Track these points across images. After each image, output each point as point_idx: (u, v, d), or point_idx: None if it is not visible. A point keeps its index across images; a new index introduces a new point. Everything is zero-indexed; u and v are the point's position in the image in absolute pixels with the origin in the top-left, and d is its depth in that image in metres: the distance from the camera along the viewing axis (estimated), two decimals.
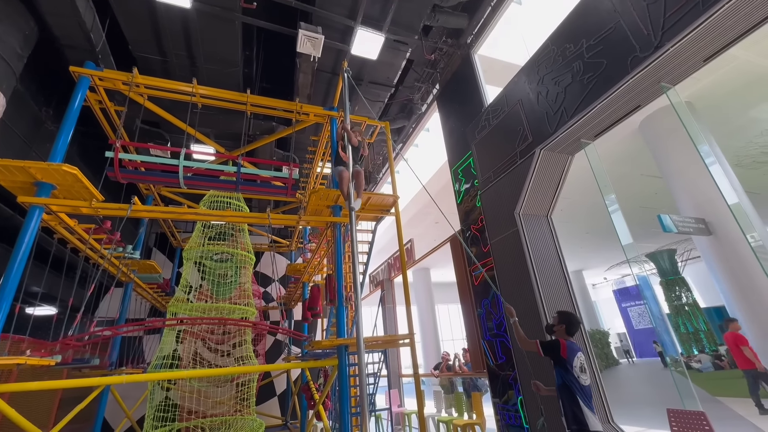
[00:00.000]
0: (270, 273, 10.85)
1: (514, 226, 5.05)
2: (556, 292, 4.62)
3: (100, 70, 5.05)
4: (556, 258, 4.85)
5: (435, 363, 10.17)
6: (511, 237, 5.11)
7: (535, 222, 5.04)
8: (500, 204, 5.43)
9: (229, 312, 5.97)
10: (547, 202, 5.10)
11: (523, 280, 4.80)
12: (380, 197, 5.85)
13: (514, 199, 5.12)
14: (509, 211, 5.18)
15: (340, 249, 5.36)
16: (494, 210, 5.59)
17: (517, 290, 4.91)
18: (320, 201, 5.38)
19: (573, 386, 2.79)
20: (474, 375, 6.94)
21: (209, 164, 5.75)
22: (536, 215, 5.11)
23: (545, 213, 5.17)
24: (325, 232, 6.14)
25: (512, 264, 5.04)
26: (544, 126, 4.72)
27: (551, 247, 4.91)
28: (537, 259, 4.76)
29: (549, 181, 4.97)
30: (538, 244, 4.88)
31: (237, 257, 6.58)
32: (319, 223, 5.65)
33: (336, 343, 4.53)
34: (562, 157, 4.90)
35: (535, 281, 4.62)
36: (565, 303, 4.62)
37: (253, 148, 7.19)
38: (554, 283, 4.68)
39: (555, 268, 4.78)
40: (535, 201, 5.04)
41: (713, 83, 7.39)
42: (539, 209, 5.14)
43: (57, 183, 4.19)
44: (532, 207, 5.07)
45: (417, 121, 9.67)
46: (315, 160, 7.75)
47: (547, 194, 5.05)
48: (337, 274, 5.18)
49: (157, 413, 5.04)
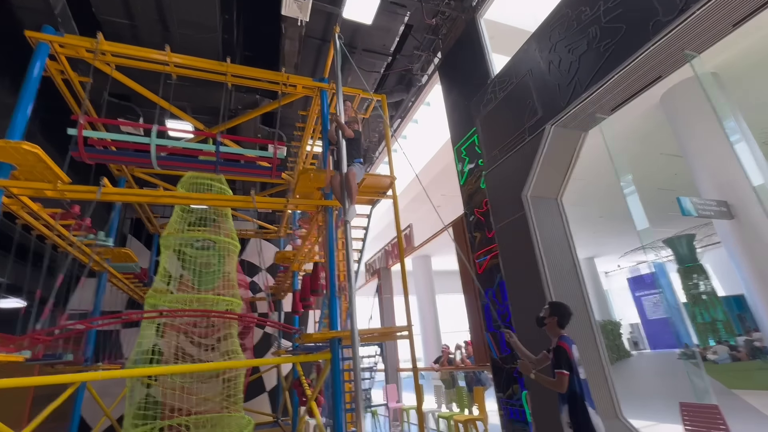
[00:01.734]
0: (257, 261, 10.85)
1: (521, 210, 5.03)
2: (565, 281, 4.65)
3: (60, 35, 4.90)
4: (566, 244, 4.86)
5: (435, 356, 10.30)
6: (518, 221, 5.10)
7: (544, 205, 5.00)
8: (506, 185, 5.40)
9: (213, 303, 5.98)
10: (557, 183, 5.06)
11: (530, 269, 4.81)
12: (376, 178, 5.82)
13: (521, 180, 5.08)
14: (516, 194, 5.15)
15: (332, 235, 5.34)
16: (500, 192, 5.57)
17: (523, 279, 4.93)
18: (310, 183, 5.36)
19: (580, 390, 2.80)
20: (477, 368, 7.14)
21: (186, 142, 5.67)
22: (545, 198, 5.05)
23: (555, 195, 5.13)
24: (316, 216, 6.09)
25: (518, 251, 5.05)
26: (556, 99, 4.66)
27: (561, 233, 4.91)
28: (545, 245, 4.76)
29: (560, 160, 4.92)
30: (546, 230, 4.87)
31: (220, 244, 6.59)
32: (309, 207, 5.63)
33: (328, 335, 4.55)
34: (574, 134, 4.82)
35: (543, 269, 4.64)
36: (574, 293, 4.65)
37: (234, 124, 7.09)
38: (564, 272, 4.70)
39: (565, 255, 4.79)
40: (544, 182, 4.98)
41: (741, 53, 7.30)
42: (549, 191, 5.09)
43: (17, 163, 4.11)
44: (541, 189, 5.02)
45: (417, 93, 9.55)
46: (304, 137, 7.66)
47: (558, 175, 5.00)
48: (329, 263, 5.18)
49: (137, 411, 5.11)
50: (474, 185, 6.49)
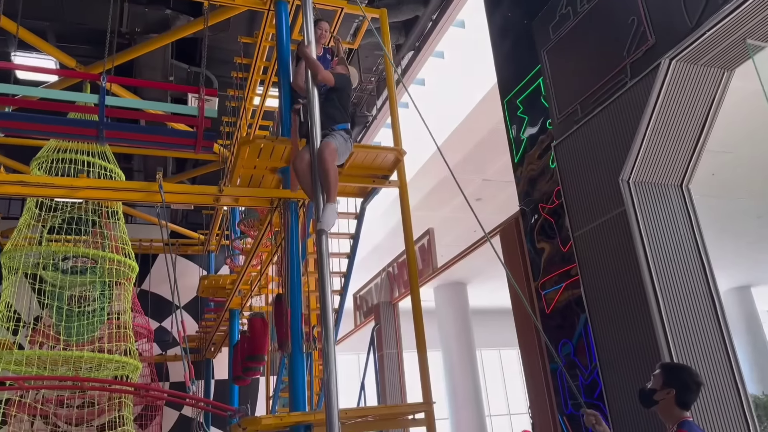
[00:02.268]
0: (168, 294, 10.93)
1: (618, 206, 5.00)
2: (695, 326, 4.62)
3: None
4: (697, 263, 4.85)
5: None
6: (612, 225, 5.08)
7: (657, 197, 4.99)
8: (592, 164, 5.38)
9: (92, 366, 6.08)
10: (681, 160, 5.03)
11: (635, 305, 4.78)
12: (373, 153, 5.99)
13: (618, 154, 5.04)
14: (609, 177, 5.13)
15: (296, 249, 5.42)
16: (580, 175, 5.55)
17: (623, 323, 4.92)
18: (258, 159, 5.46)
19: None
20: None
21: (46, 89, 5.71)
22: (660, 184, 5.05)
23: (678, 181, 5.12)
24: (269, 217, 6.15)
25: (614, 274, 5.04)
26: (678, 15, 4.62)
27: (688, 244, 4.90)
28: (661, 264, 4.73)
29: (686, 119, 4.88)
30: (663, 238, 4.84)
31: (104, 266, 6.71)
32: (258, 200, 5.77)
33: (289, 421, 4.63)
34: (711, 74, 4.76)
35: (656, 306, 4.61)
36: (710, 345, 4.62)
37: (130, 58, 7.13)
38: (692, 309, 4.68)
39: (694, 282, 4.77)
40: (658, 158, 4.95)
41: None
42: (666, 173, 5.06)
43: None
44: (652, 169, 4.99)
45: (441, 8, 9.57)
46: (249, 81, 7.74)
47: (683, 145, 4.98)
48: (290, 296, 5.24)
49: None
50: (538, 164, 6.53)
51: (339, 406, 3.33)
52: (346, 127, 4.51)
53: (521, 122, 6.88)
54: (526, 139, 6.78)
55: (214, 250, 12.11)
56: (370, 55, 10.28)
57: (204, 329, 10.75)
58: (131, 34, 7.70)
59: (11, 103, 5.00)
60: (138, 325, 9.10)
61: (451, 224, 14.29)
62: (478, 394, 15.90)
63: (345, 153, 4.47)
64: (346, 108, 4.62)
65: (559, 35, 6.07)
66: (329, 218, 3.89)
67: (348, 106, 4.69)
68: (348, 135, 4.51)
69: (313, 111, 4.30)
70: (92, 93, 5.34)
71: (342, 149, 4.35)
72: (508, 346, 20.71)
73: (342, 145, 4.35)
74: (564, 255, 6.03)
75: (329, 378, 3.36)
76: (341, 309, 7.16)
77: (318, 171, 4.02)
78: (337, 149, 4.21)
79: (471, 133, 10.92)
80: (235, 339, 8.95)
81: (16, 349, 6.20)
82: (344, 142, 4.40)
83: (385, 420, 5.46)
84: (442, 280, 15.36)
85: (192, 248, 12.30)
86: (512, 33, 7.15)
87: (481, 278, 16.49)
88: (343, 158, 4.51)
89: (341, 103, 4.58)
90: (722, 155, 9.73)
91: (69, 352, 6.02)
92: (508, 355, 21.51)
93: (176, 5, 7.81)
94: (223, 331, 10.25)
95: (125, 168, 10.65)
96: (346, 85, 4.75)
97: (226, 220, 10.73)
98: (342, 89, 4.64)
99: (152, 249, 11.53)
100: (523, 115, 6.86)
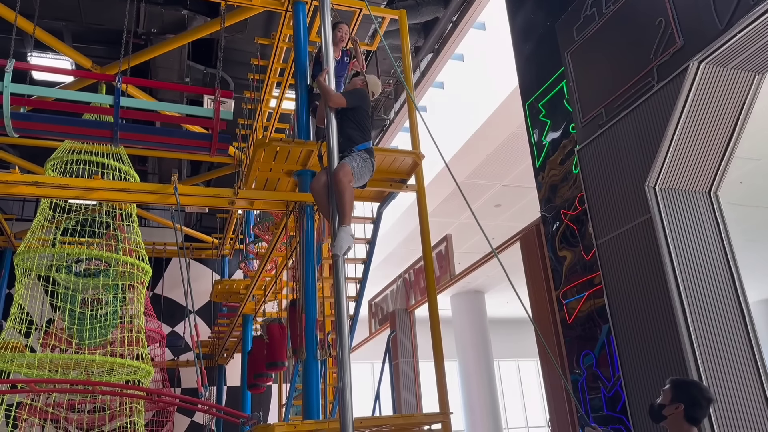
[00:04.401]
0: (180, 298, 11.02)
1: (644, 213, 5.00)
2: (721, 335, 4.59)
3: None
4: (726, 272, 4.82)
5: None
6: (637, 232, 5.08)
7: (685, 204, 4.98)
8: (617, 169, 5.38)
9: (104, 370, 6.15)
10: (709, 165, 5.01)
11: (659, 313, 4.77)
12: (390, 156, 5.96)
13: (644, 159, 5.04)
14: (634, 183, 5.13)
15: (311, 254, 5.44)
16: (605, 181, 5.55)
17: (646, 330, 4.91)
18: (274, 162, 5.49)
19: None
20: None
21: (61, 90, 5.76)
22: (688, 191, 5.04)
23: (706, 187, 5.11)
24: (284, 221, 6.16)
25: (638, 282, 5.04)
26: (707, 17, 4.59)
27: (716, 253, 4.87)
28: (688, 274, 4.72)
29: (715, 124, 4.85)
30: (690, 247, 4.83)
31: (117, 269, 6.74)
32: (274, 204, 5.83)
33: (302, 429, 4.64)
34: (741, 78, 4.73)
35: (681, 315, 4.59)
36: (739, 358, 4.58)
37: (146, 59, 7.18)
38: (719, 319, 4.65)
39: (723, 292, 4.75)
40: (686, 164, 4.94)
41: None
42: (694, 180, 5.05)
43: None
44: (680, 175, 4.98)
45: (461, 9, 9.55)
46: (266, 83, 7.79)
47: (711, 150, 4.96)
48: (305, 302, 5.24)
49: None
50: (560, 169, 6.51)
51: (354, 415, 3.33)
52: (366, 146, 4.39)
53: (543, 126, 6.84)
54: (548, 144, 6.74)
55: (228, 255, 12.16)
56: (388, 57, 10.28)
57: (217, 334, 10.78)
58: (147, 35, 7.78)
59: (26, 104, 5.05)
60: (150, 329, 9.15)
61: (469, 231, 14.21)
62: (495, 405, 15.76)
63: (365, 174, 4.33)
64: (364, 125, 4.47)
65: (584, 37, 6.04)
66: (342, 242, 3.84)
67: (366, 122, 4.52)
68: (368, 154, 4.37)
69: (331, 135, 4.24)
70: (107, 94, 5.36)
71: (360, 170, 4.24)
72: (526, 357, 20.65)
73: (360, 166, 4.24)
74: (587, 263, 5.99)
75: (343, 386, 3.35)
76: (356, 316, 7.15)
77: (333, 193, 4.02)
78: (354, 171, 4.13)
79: (490, 137, 10.86)
80: (248, 345, 8.95)
81: (28, 351, 6.25)
82: (363, 163, 4.28)
83: (401, 430, 5.43)
84: (459, 288, 15.30)
85: (206, 252, 12.35)
86: (535, 35, 7.12)
87: (500, 287, 16.44)
88: (363, 180, 4.36)
89: (358, 122, 4.44)
90: (751, 162, 9.61)
91: (81, 356, 6.05)
92: (526, 366, 21.31)
93: (193, 5, 7.87)
94: (236, 337, 10.25)
95: (140, 170, 10.76)
96: (362, 101, 4.57)
97: (240, 224, 10.75)
98: (358, 107, 4.48)
99: (166, 253, 11.60)
100: (545, 119, 6.82)
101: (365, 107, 4.57)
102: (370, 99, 4.77)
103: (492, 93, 10.64)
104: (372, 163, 4.41)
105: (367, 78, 4.86)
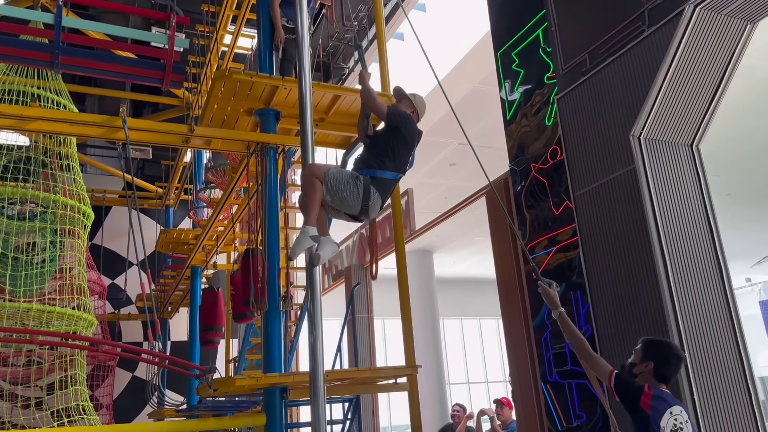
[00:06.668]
0: (123, 249, 10.69)
1: (627, 164, 4.93)
2: (703, 298, 4.64)
3: None
4: (706, 228, 4.86)
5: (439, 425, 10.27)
6: (618, 184, 5.02)
7: (668, 156, 4.95)
8: (599, 118, 5.28)
9: (41, 321, 5.84)
10: (695, 117, 4.97)
11: (638, 268, 4.75)
12: (352, 95, 5.65)
13: (629, 108, 4.94)
14: (618, 134, 5.06)
15: (274, 200, 5.24)
16: (586, 131, 5.45)
17: (624, 283, 4.88)
18: (233, 99, 5.26)
19: None
20: None
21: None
22: (671, 142, 5.01)
23: (689, 140, 5.09)
24: (243, 165, 5.93)
25: (617, 234, 5.00)
26: None
27: (697, 207, 4.90)
28: (669, 226, 4.70)
29: (704, 73, 4.77)
30: (672, 199, 4.81)
31: (55, 211, 6.43)
32: (233, 144, 5.52)
33: (265, 383, 4.47)
34: (734, 26, 4.66)
35: (663, 269, 4.58)
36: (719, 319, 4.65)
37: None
38: (701, 279, 4.68)
39: (703, 249, 4.78)
40: (672, 113, 4.86)
41: None
42: (678, 131, 5.00)
43: None
44: (666, 126, 4.91)
45: None
46: (221, 17, 7.46)
47: (698, 101, 4.89)
48: (267, 250, 5.08)
49: None
50: (532, 122, 6.42)
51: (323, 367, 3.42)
52: (373, 173, 3.70)
53: (516, 77, 6.70)
54: (520, 95, 6.62)
55: (173, 205, 11.69)
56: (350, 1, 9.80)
57: (162, 287, 10.47)
58: None
59: None
60: (90, 280, 8.65)
61: (423, 189, 14.07)
62: (439, 362, 16.12)
63: (344, 195, 3.61)
64: (389, 155, 3.75)
65: None
66: (295, 246, 3.54)
67: (397, 154, 3.77)
68: (367, 182, 3.64)
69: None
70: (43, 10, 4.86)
71: (338, 185, 3.60)
72: (469, 316, 21.21)
73: (345, 184, 3.60)
74: (556, 218, 5.97)
75: (315, 339, 3.40)
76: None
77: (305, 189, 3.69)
78: (330, 178, 3.58)
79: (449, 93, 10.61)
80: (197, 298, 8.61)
81: None
82: (348, 181, 3.62)
83: (367, 383, 5.37)
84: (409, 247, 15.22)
85: (149, 202, 11.84)
86: None
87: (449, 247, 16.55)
88: (342, 201, 3.64)
89: (386, 149, 3.77)
90: None
91: (15, 304, 5.67)
92: (469, 324, 21.93)
93: None
94: (182, 291, 9.96)
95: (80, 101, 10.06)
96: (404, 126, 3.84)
97: (187, 172, 10.31)
98: (395, 130, 3.81)
99: (105, 201, 11.05)
100: (518, 68, 6.68)
101: (406, 136, 3.84)
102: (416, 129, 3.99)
103: (453, 47, 10.38)
104: (364, 192, 3.62)
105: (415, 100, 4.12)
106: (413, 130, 3.94)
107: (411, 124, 3.92)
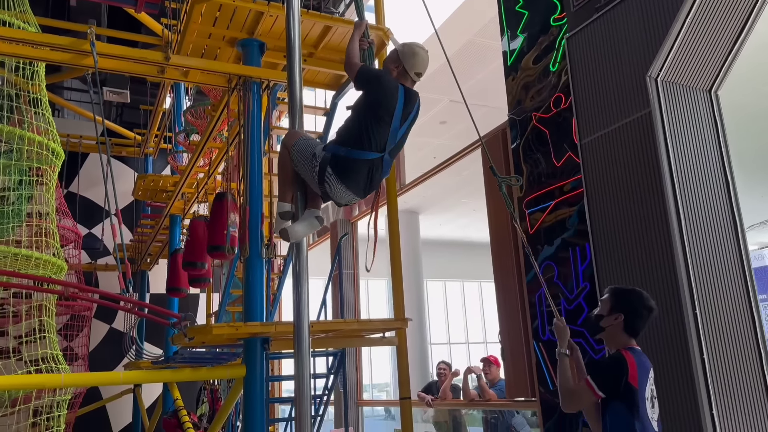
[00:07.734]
0: (100, 198, 10.47)
1: (644, 107, 4.67)
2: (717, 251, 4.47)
3: None
4: (722, 177, 4.68)
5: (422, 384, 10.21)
6: (631, 129, 4.77)
7: (686, 101, 4.72)
8: (613, 59, 5.00)
9: (11, 261, 5.58)
10: (715, 60, 4.72)
11: (649, 219, 4.53)
12: (345, 27, 5.38)
13: (647, 47, 4.65)
14: (632, 75, 4.78)
15: (256, 142, 5.04)
16: (597, 73, 5.18)
17: (633, 238, 4.67)
18: (214, 27, 5.11)
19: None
20: (508, 406, 6.99)
21: None
22: (689, 86, 4.78)
23: (708, 85, 4.84)
24: (223, 104, 5.65)
25: (626, 184, 4.78)
26: None
27: (714, 157, 4.72)
28: (683, 175, 4.50)
29: (728, 14, 4.49)
30: (688, 146, 4.60)
31: (23, 147, 6.07)
32: (213, 76, 5.27)
33: (245, 332, 4.33)
34: None
35: (676, 220, 4.36)
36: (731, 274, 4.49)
37: None
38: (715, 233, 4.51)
39: (718, 201, 4.61)
40: (692, 56, 4.61)
41: None
42: (697, 75, 4.77)
43: None
44: (685, 68, 4.67)
45: None
46: None
47: (720, 44, 4.64)
48: (249, 194, 4.88)
49: None
50: (535, 68, 6.14)
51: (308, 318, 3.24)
52: (336, 150, 3.05)
53: (519, 18, 6.37)
54: (523, 39, 6.30)
55: (152, 154, 11.27)
56: None
57: (140, 236, 10.18)
58: None
59: None
60: (65, 227, 8.27)
61: (412, 149, 13.80)
62: (422, 322, 16.30)
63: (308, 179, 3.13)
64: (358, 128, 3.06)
65: None
66: (297, 232, 3.14)
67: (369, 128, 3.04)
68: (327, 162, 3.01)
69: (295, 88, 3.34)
70: None
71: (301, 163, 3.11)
72: (453, 278, 21.50)
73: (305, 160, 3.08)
74: (557, 170, 5.74)
75: (300, 287, 3.24)
76: None
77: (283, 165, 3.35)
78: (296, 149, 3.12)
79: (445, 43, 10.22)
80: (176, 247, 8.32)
81: None
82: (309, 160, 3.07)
83: (353, 337, 5.30)
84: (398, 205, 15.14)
85: (127, 150, 11.42)
86: None
87: (435, 209, 16.46)
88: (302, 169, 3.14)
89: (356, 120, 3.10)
90: None
91: None
92: (452, 286, 22.26)
93: None
94: (161, 241, 9.64)
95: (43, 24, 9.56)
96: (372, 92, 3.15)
97: (166, 120, 9.87)
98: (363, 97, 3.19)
99: (82, 147, 10.59)
100: (522, 9, 6.35)
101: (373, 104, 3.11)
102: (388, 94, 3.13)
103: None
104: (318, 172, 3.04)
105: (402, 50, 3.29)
106: (383, 96, 3.08)
107: (379, 88, 3.11)
